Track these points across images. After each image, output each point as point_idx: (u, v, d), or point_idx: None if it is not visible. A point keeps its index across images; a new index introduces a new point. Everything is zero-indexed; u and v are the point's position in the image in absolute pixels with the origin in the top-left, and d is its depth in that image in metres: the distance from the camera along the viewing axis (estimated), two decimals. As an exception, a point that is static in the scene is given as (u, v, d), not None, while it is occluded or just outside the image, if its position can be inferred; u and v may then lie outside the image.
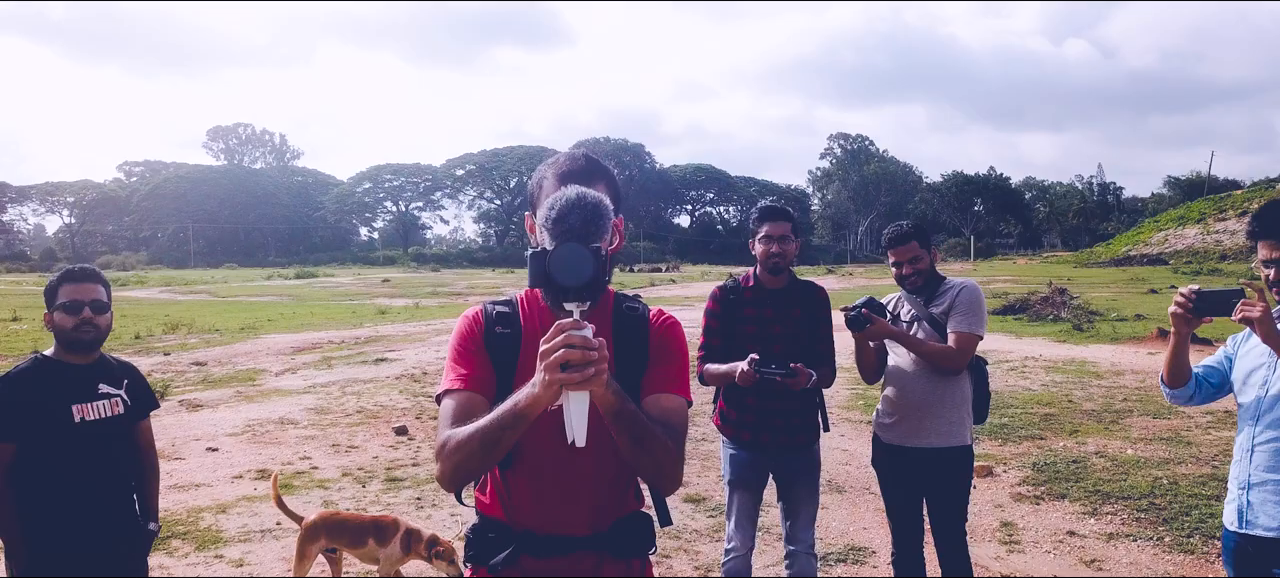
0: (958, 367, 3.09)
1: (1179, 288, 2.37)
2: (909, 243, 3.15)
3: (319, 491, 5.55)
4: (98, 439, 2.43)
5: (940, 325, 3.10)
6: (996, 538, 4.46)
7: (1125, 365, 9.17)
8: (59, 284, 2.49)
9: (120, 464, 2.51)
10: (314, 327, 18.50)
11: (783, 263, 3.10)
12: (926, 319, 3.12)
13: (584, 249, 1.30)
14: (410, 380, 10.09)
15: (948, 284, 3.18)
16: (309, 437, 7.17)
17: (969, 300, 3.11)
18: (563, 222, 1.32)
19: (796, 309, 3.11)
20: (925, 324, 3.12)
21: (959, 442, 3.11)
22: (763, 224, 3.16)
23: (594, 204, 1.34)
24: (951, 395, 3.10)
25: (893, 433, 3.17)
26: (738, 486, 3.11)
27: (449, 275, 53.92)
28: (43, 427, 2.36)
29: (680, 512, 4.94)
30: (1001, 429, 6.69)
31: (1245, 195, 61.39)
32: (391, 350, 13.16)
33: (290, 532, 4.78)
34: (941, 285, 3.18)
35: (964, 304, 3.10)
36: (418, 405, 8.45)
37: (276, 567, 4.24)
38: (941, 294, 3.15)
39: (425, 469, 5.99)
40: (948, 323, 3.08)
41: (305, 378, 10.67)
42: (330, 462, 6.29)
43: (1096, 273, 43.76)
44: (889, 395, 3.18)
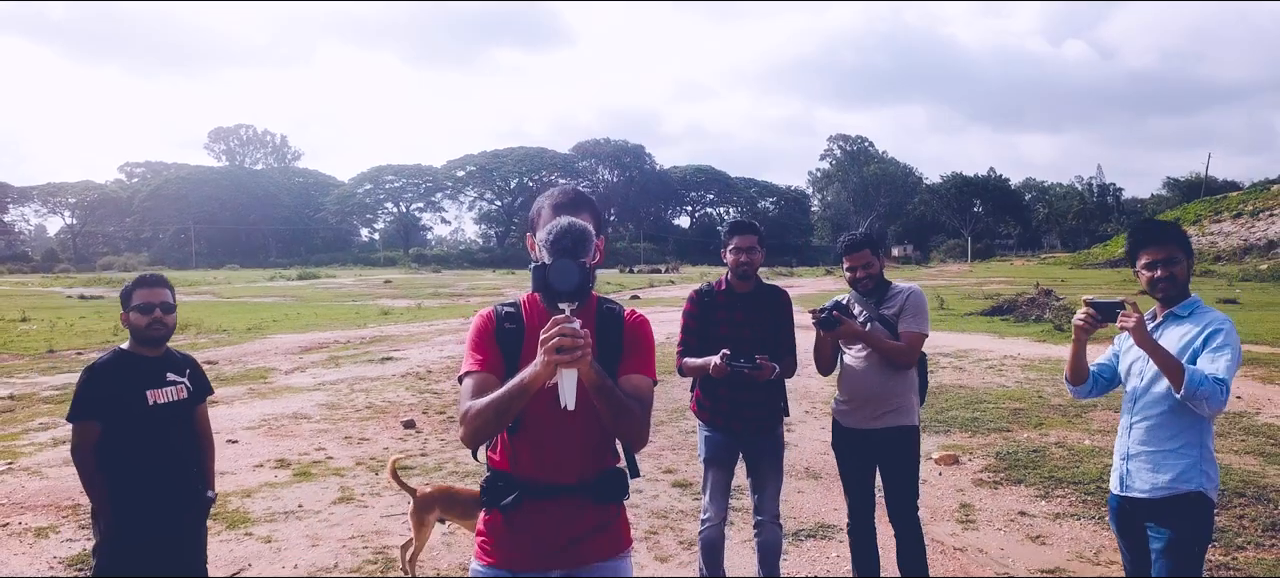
0: (910, 362, 3.53)
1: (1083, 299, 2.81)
2: (862, 251, 3.58)
3: (335, 478, 5.99)
4: (167, 420, 2.87)
5: (891, 325, 3.53)
6: (954, 518, 4.90)
7: (1098, 364, 9.63)
8: (133, 289, 2.94)
9: (184, 441, 2.95)
10: (319, 327, 18.93)
11: (750, 270, 3.55)
12: (878, 319, 3.55)
13: (573, 264, 1.75)
14: (416, 378, 10.52)
15: (895, 289, 3.61)
16: (322, 430, 7.61)
17: (916, 305, 3.55)
18: (558, 243, 1.77)
19: (763, 311, 3.56)
20: (877, 324, 3.56)
21: (908, 422, 3.55)
22: (733, 237, 3.60)
23: (581, 230, 1.80)
24: (901, 384, 3.54)
25: (851, 419, 3.60)
26: (712, 464, 3.56)
27: (450, 276, 54.34)
28: (122, 409, 2.80)
29: (669, 495, 5.39)
30: (972, 422, 7.14)
31: (1240, 198, 61.67)
32: (397, 350, 13.59)
33: (310, 513, 5.23)
34: (889, 289, 3.61)
35: (912, 308, 3.53)
36: (424, 401, 8.88)
37: (301, 543, 4.68)
38: (891, 298, 3.58)
39: (433, 459, 6.43)
40: (898, 323, 3.51)
41: (314, 376, 11.10)
42: (344, 452, 6.74)
43: (1091, 274, 44.10)
44: (847, 387, 3.61)
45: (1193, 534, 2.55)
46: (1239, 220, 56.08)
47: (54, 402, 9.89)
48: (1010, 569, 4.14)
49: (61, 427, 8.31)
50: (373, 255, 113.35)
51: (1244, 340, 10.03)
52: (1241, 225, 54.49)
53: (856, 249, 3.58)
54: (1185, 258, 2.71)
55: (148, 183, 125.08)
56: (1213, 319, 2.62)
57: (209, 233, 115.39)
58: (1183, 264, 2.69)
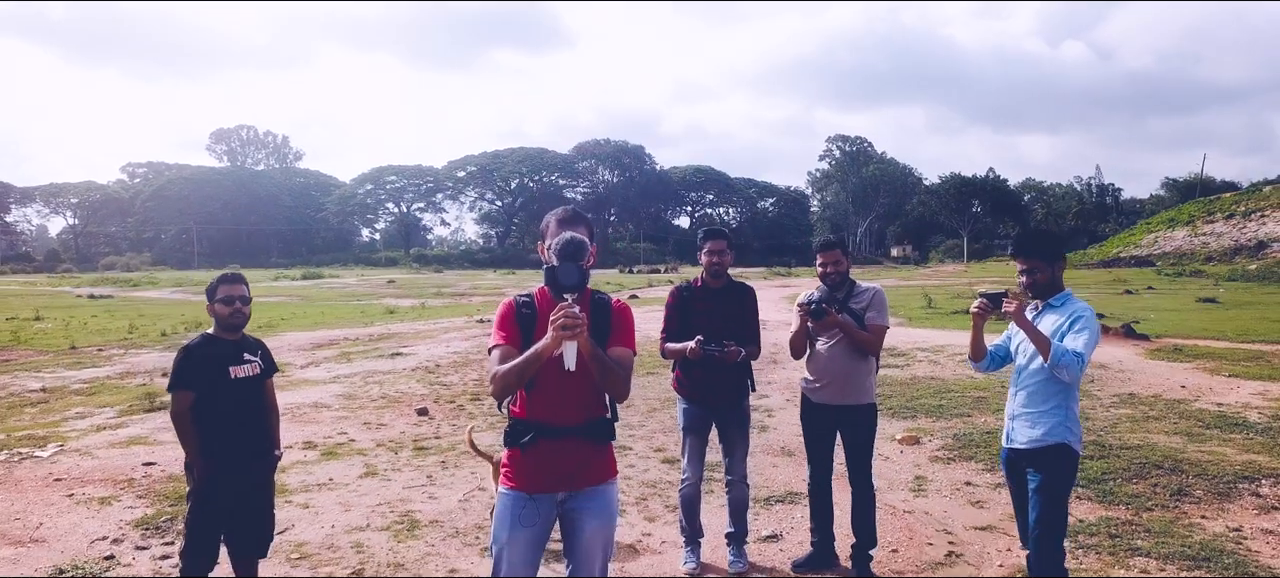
0: (876, 349, 4.21)
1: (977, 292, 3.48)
2: (834, 250, 4.26)
3: (359, 457, 6.66)
4: (244, 391, 3.54)
5: (858, 317, 4.20)
6: (908, 487, 5.57)
7: (1063, 357, 10.31)
8: (217, 285, 3.61)
9: (258, 408, 3.62)
10: (328, 325, 19.60)
11: (721, 269, 4.22)
12: (847, 312, 4.22)
13: (575, 266, 2.43)
14: (426, 372, 11.18)
15: (861, 287, 4.27)
16: (342, 417, 8.27)
17: (880, 301, 4.22)
18: (563, 251, 2.45)
19: (732, 304, 4.23)
20: (847, 316, 4.21)
21: (868, 400, 4.21)
22: (706, 242, 4.27)
23: (580, 241, 2.48)
24: (863, 368, 4.20)
25: (820, 395, 4.25)
26: (689, 432, 4.23)
27: (452, 276, 54.98)
28: (210, 381, 3.46)
29: (658, 469, 6.06)
30: (937, 409, 7.81)
31: (1233, 199, 62.29)
32: (405, 346, 14.25)
33: (340, 484, 5.90)
34: (855, 287, 4.27)
35: (877, 304, 4.20)
36: (435, 392, 9.55)
37: (335, 508, 5.34)
38: (858, 294, 4.24)
39: (447, 440, 7.10)
40: (865, 316, 4.17)
41: (328, 370, 11.77)
42: (365, 436, 7.40)
43: (1084, 274, 44.72)
44: (817, 369, 4.26)
45: (1060, 476, 3.22)
46: (1231, 221, 56.74)
47: (84, 394, 10.55)
48: (949, 528, 4.81)
49: (99, 415, 8.99)
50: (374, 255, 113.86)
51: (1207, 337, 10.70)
52: (1233, 226, 55.15)
53: (829, 249, 4.25)
54: (1047, 266, 3.37)
55: (150, 183, 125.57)
56: (1077, 308, 3.28)
57: (210, 233, 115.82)
58: (1044, 271, 3.35)
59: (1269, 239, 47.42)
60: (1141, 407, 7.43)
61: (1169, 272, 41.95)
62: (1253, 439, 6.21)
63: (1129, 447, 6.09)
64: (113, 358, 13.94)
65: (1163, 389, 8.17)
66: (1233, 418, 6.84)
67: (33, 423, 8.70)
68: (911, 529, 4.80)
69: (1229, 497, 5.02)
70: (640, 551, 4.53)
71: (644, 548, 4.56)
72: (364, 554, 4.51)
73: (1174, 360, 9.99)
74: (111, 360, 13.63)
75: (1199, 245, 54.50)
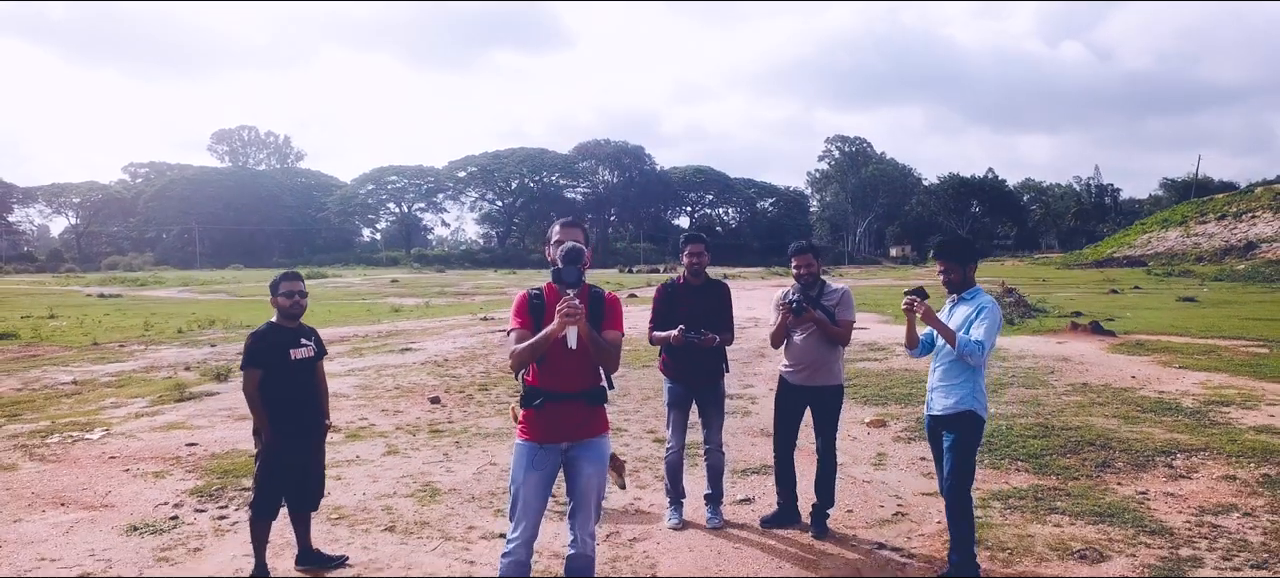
0: (846, 341, 4.94)
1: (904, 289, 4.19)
2: (806, 255, 4.97)
3: (381, 439, 7.37)
4: (302, 370, 4.26)
5: (830, 313, 4.91)
6: (870, 462, 6.30)
7: (1031, 351, 11.01)
8: (280, 282, 4.33)
9: (312, 385, 4.34)
10: (337, 323, 20.32)
11: (700, 269, 4.95)
12: (819, 308, 4.92)
13: (574, 267, 3.15)
14: (435, 366, 11.90)
15: (831, 287, 4.98)
16: (361, 405, 8.99)
17: (848, 300, 4.94)
18: (565, 256, 3.17)
19: (709, 298, 4.95)
20: (820, 312, 4.92)
21: (837, 383, 4.93)
22: (687, 245, 4.99)
23: (579, 249, 3.20)
24: (834, 355, 4.91)
25: (796, 378, 4.95)
26: (673, 407, 4.96)
27: (454, 276, 55.68)
28: (275, 362, 4.18)
29: (650, 447, 6.78)
30: (906, 397, 8.53)
31: (1225, 200, 62.99)
32: (414, 342, 14.97)
33: (366, 461, 6.62)
34: (826, 286, 4.99)
35: (846, 302, 4.92)
36: (445, 383, 10.27)
37: (363, 480, 6.06)
38: (829, 293, 4.96)
39: (460, 424, 7.82)
40: (836, 312, 4.87)
41: (342, 365, 12.48)
42: (384, 421, 8.13)
43: (1076, 274, 45.47)
44: (795, 356, 4.95)
45: (968, 437, 3.95)
46: (1223, 222, 57.48)
47: (114, 386, 11.27)
48: (900, 494, 5.54)
49: (132, 404, 9.71)
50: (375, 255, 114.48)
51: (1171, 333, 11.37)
52: (1225, 227, 55.89)
53: (802, 253, 4.97)
54: (960, 267, 4.08)
55: (152, 184, 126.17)
56: (982, 302, 4.00)
57: (212, 233, 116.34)
58: (958, 272, 4.07)
59: (1258, 240, 48.18)
60: (1090, 394, 8.15)
61: (1159, 272, 42.68)
62: (1180, 421, 6.93)
63: (1069, 428, 6.82)
64: (135, 353, 14.66)
65: (1114, 379, 8.89)
66: (1168, 403, 7.57)
67: (72, 411, 9.42)
68: (867, 495, 5.52)
69: (1145, 468, 5.74)
70: (632, 511, 5.25)
71: (635, 509, 5.29)
72: (393, 515, 5.24)
73: (1133, 354, 10.72)
74: (134, 356, 14.35)
75: (1191, 246, 55.26)
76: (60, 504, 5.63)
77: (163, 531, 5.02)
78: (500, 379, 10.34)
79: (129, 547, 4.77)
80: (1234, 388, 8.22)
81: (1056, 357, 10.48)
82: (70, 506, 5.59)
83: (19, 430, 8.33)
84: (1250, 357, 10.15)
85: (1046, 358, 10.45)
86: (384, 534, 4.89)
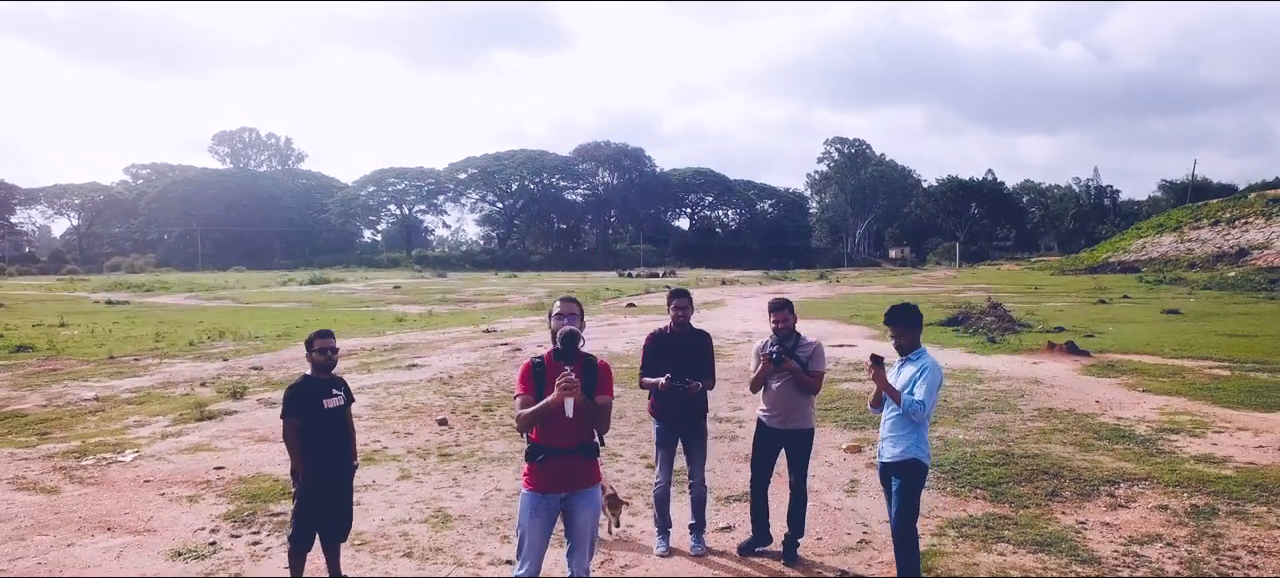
0: (817, 389, 5.53)
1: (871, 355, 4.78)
2: (784, 310, 5.54)
3: (394, 462, 7.96)
4: (333, 417, 4.85)
5: (803, 364, 5.48)
6: (843, 488, 6.89)
7: (1005, 373, 11.59)
8: (314, 339, 4.91)
9: (342, 430, 4.93)
10: (342, 334, 20.89)
11: (684, 320, 5.54)
12: (795, 359, 5.49)
13: (573, 348, 3.75)
14: (441, 383, 12.49)
15: (805, 341, 5.56)
16: (373, 426, 9.58)
17: (820, 353, 5.53)
18: (563, 339, 3.78)
19: (693, 347, 5.55)
20: (795, 363, 5.49)
21: (809, 426, 5.53)
22: (673, 299, 5.59)
23: (574, 332, 3.80)
24: (807, 402, 5.51)
25: (773, 421, 5.54)
26: (661, 445, 5.56)
27: (455, 280, 56.28)
28: (311, 410, 4.77)
29: (642, 473, 7.36)
30: (883, 421, 9.13)
31: (1220, 205, 63.53)
32: (419, 357, 15.56)
33: (382, 486, 7.20)
34: (801, 339, 5.56)
35: (818, 355, 5.51)
36: (452, 403, 10.86)
37: (380, 506, 6.64)
38: (804, 345, 5.54)
39: (467, 448, 8.41)
40: (809, 364, 5.45)
41: (353, 381, 13.03)
42: (395, 444, 8.71)
43: (1069, 282, 46.01)
44: (771, 401, 5.53)
45: (913, 483, 4.54)
46: (1216, 227, 58.07)
47: (136, 403, 11.85)
48: (867, 522, 6.12)
49: (155, 423, 10.29)
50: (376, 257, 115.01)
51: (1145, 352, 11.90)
52: (1218, 233, 56.48)
53: (780, 309, 5.55)
54: (909, 331, 4.67)
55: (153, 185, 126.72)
56: (926, 364, 4.59)
57: (214, 234, 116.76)
58: (907, 335, 4.66)
59: (1249, 247, 48.78)
60: (1054, 421, 8.73)
61: (1151, 279, 43.20)
62: (1130, 449, 7.51)
63: (1028, 455, 7.40)
64: (150, 368, 15.25)
65: (1078, 404, 9.47)
66: (1123, 431, 8.15)
67: (99, 430, 10.01)
68: (836, 522, 6.12)
69: (1089, 498, 6.33)
70: (624, 539, 5.84)
71: (628, 536, 5.88)
72: (410, 541, 5.83)
73: (1103, 376, 11.30)
74: (149, 371, 14.94)
75: (1184, 252, 55.84)
76: (107, 528, 6.22)
77: (204, 556, 5.60)
78: (502, 400, 10.93)
79: (176, 571, 5.35)
80: (1188, 414, 8.81)
81: (1029, 379, 11.07)
82: (116, 530, 6.18)
83: (53, 450, 8.93)
84: (1211, 380, 10.73)
85: (1020, 380, 11.03)
86: (403, 560, 5.48)
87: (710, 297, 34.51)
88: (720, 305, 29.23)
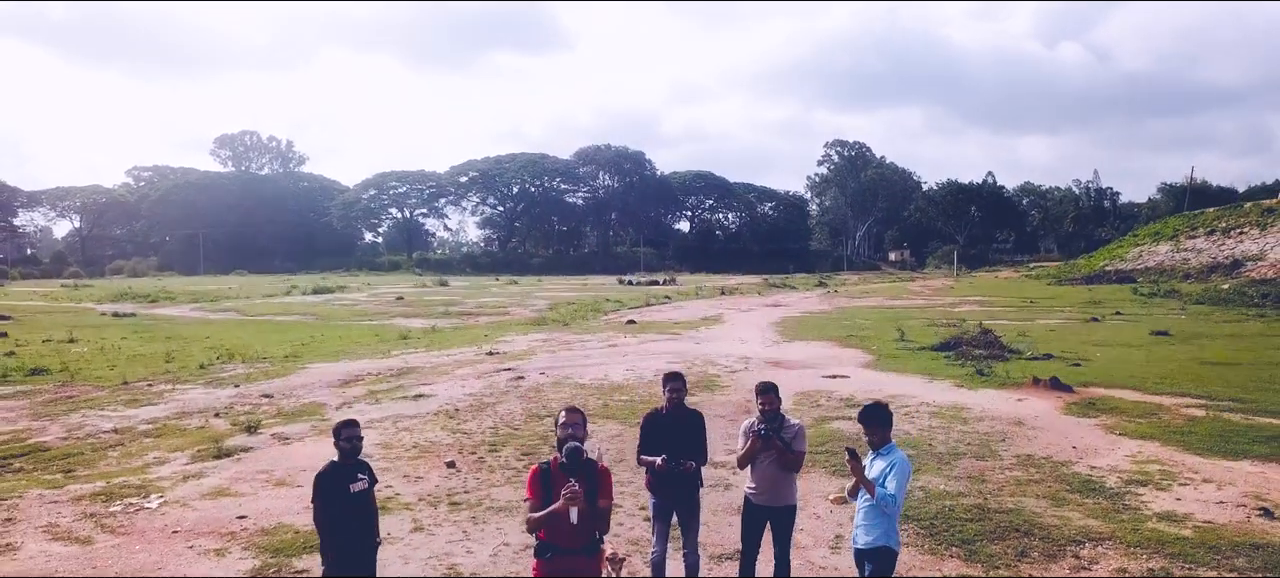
0: (799, 468, 6.01)
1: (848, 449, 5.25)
2: (770, 394, 6.00)
3: (407, 512, 8.43)
4: (359, 501, 5.33)
5: (788, 443, 5.95)
6: (828, 545, 7.36)
7: (990, 412, 12.06)
8: (341, 428, 5.39)
9: (367, 511, 5.41)
10: (349, 354, 21.37)
11: (679, 400, 6.02)
12: (779, 438, 5.95)
13: (576, 462, 4.24)
14: (447, 417, 12.95)
15: (789, 422, 6.02)
16: (384, 469, 10.03)
17: (802, 434, 6.00)
18: (568, 454, 4.27)
19: (686, 426, 6.03)
20: (780, 441, 5.95)
21: (792, 503, 6.01)
22: (668, 382, 6.06)
23: (578, 447, 4.29)
24: (791, 480, 5.99)
25: (758, 498, 6.01)
26: (657, 518, 6.04)
27: (457, 287, 56.72)
28: (338, 494, 5.26)
29: (642, 528, 7.83)
30: (870, 468, 9.60)
31: (1216, 215, 63.97)
32: (426, 384, 16.03)
33: (396, 539, 7.67)
34: (785, 420, 6.03)
35: (800, 436, 5.98)
36: (458, 441, 11.32)
37: (396, 562, 7.12)
38: (787, 427, 6.00)
39: (475, 495, 8.89)
40: (792, 444, 5.92)
41: (360, 413, 13.51)
42: (407, 490, 9.19)
43: (1065, 294, 46.41)
44: (757, 478, 6.00)
45: (884, 567, 5.02)
46: (1212, 237, 58.54)
47: (154, 435, 12.33)
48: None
49: (174, 459, 10.77)
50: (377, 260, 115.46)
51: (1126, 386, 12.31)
52: (1213, 243, 56.96)
53: (767, 392, 6.01)
54: (881, 429, 5.15)
55: (155, 187, 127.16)
56: (896, 458, 5.06)
57: (216, 237, 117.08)
58: (879, 432, 5.13)
59: (1244, 258, 49.25)
60: (1031, 470, 9.20)
61: (1145, 291, 43.67)
62: (1099, 504, 7.98)
63: (1003, 510, 7.87)
64: (163, 395, 15.72)
65: (1056, 450, 9.94)
66: (1094, 483, 8.62)
67: (120, 468, 10.49)
68: (820, 582, 6.59)
69: (1056, 558, 6.81)
70: (623, 598, 6.32)
71: (626, 596, 6.35)
72: (425, 600, 6.30)
73: (1083, 416, 11.77)
74: (163, 397, 15.42)
75: (1180, 262, 56.32)
76: (143, 586, 6.70)
77: (236, 616, 6.09)
78: (506, 438, 11.40)
79: (212, 634, 5.83)
80: (1158, 463, 9.28)
81: (1012, 420, 11.53)
82: (152, 587, 6.66)
83: (80, 491, 9.42)
84: (1186, 422, 11.20)
85: (1003, 421, 11.50)
86: (419, 622, 5.96)
87: (709, 312, 34.98)
88: (718, 323, 29.69)
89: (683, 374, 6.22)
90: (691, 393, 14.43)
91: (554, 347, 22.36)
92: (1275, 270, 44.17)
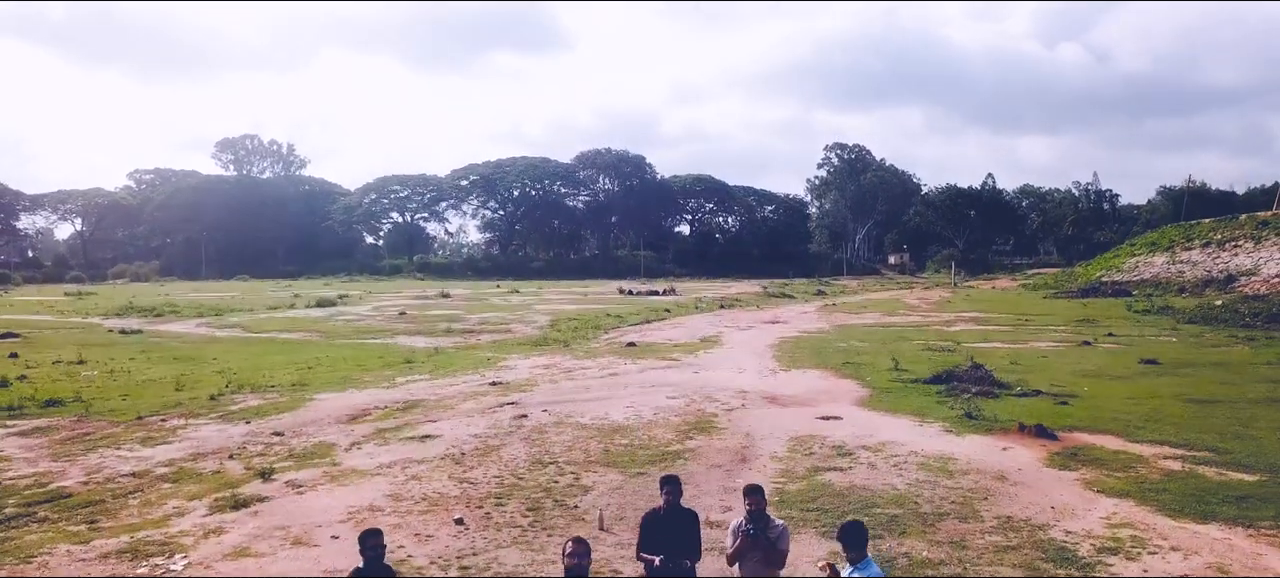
0: (783, 565, 6.50)
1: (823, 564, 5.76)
2: (757, 495, 6.49)
3: None
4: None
5: (773, 542, 6.44)
6: (815, 618, 7.86)
7: (975, 465, 12.52)
8: (366, 538, 5.89)
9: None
10: (355, 382, 21.85)
11: (675, 502, 6.51)
12: (764, 537, 6.45)
13: (583, 575, 4.76)
14: (453, 463, 13.42)
15: (774, 522, 6.52)
16: (396, 526, 10.50)
17: (786, 534, 6.50)
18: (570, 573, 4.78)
19: (682, 524, 6.52)
20: (763, 540, 6.45)
21: None
22: (664, 487, 6.56)
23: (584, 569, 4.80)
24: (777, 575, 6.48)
25: None
26: (655, 609, 6.55)
27: (459, 297, 57.20)
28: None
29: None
30: (858, 529, 10.10)
31: (1212, 226, 64.40)
32: (431, 422, 16.51)
33: (410, 608, 8.17)
34: (771, 520, 6.52)
35: (784, 536, 6.48)
36: (464, 493, 11.80)
37: (411, 633, 7.63)
38: (773, 526, 6.50)
39: (483, 558, 9.38)
40: (777, 544, 6.41)
41: (370, 455, 14.00)
42: (418, 551, 9.67)
43: (1060, 309, 46.89)
44: (747, 573, 6.49)
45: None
46: (1207, 249, 59.02)
47: (172, 480, 12.81)
48: (833, 658, 7.08)
49: (193, 510, 11.26)
50: (378, 263, 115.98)
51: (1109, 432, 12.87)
52: (1208, 255, 57.43)
53: (754, 493, 6.51)
54: (858, 546, 5.65)
55: (157, 191, 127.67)
56: (871, 573, 5.56)
57: (218, 240, 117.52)
58: (857, 549, 5.63)
59: (1238, 272, 49.75)
60: (1010, 534, 9.67)
61: (1140, 307, 44.17)
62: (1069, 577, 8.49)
63: (979, 584, 8.38)
64: (177, 431, 16.21)
65: (1035, 512, 10.40)
66: (1068, 552, 9.08)
67: (143, 521, 10.96)
68: (807, 661, 7.09)
69: (1026, 637, 7.31)
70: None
71: (625, 676, 6.86)
72: (439, 680, 6.80)
73: (1064, 469, 12.24)
74: (177, 434, 15.91)
75: (1175, 274, 56.81)
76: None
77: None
78: (512, 489, 11.88)
79: None
80: (1130, 527, 9.76)
81: (996, 474, 12.01)
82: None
83: (106, 548, 9.91)
84: (1162, 477, 11.69)
85: (987, 475, 11.97)
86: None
87: (707, 331, 35.46)
88: (716, 345, 30.17)
89: (678, 478, 6.73)
90: (690, 436, 14.98)
91: (555, 375, 22.85)
92: (1268, 286, 44.68)
